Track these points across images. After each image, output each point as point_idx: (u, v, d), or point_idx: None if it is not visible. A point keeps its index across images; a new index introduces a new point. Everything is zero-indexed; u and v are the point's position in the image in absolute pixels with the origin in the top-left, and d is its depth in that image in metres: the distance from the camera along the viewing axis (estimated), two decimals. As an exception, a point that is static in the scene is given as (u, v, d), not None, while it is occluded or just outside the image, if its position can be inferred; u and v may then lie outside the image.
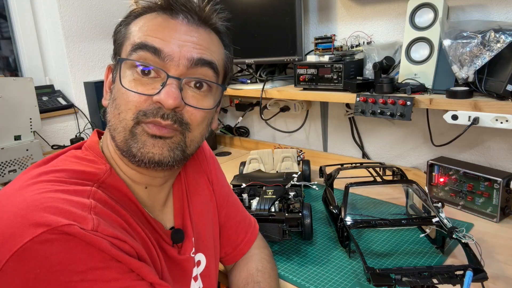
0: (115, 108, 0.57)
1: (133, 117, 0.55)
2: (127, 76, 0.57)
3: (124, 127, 0.56)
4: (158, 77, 0.56)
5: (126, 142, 0.56)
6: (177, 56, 0.56)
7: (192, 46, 0.57)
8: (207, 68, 0.58)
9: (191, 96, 0.58)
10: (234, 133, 1.94)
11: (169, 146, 0.57)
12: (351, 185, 0.97)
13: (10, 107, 1.38)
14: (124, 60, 0.57)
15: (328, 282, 0.82)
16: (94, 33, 1.81)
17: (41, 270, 0.43)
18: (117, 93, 0.58)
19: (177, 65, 0.56)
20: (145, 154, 0.55)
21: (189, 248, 0.67)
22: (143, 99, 0.55)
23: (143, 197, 0.63)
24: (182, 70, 0.56)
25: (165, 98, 0.54)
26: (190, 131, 0.59)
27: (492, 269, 0.82)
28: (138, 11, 0.60)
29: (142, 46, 0.56)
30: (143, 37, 0.56)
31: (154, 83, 0.56)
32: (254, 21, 1.53)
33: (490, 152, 1.22)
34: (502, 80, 0.94)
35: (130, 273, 0.49)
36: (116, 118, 0.57)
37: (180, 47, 0.56)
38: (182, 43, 0.56)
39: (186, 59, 0.56)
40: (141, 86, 0.56)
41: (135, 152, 0.56)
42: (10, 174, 1.39)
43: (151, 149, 0.56)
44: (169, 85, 0.55)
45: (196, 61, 0.57)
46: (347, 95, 1.21)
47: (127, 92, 0.56)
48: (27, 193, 0.48)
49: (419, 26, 1.13)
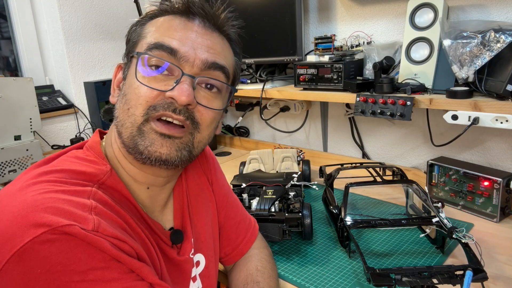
0: (125, 103, 0.57)
1: (143, 113, 0.55)
2: (140, 72, 0.57)
3: (132, 123, 0.56)
4: (172, 75, 0.57)
5: (133, 139, 0.56)
6: (192, 57, 0.57)
7: (206, 49, 0.59)
8: (220, 72, 0.60)
9: (202, 96, 0.59)
10: (234, 133, 1.94)
11: (177, 146, 0.57)
12: (351, 185, 0.97)
13: (10, 107, 1.38)
14: (141, 54, 0.57)
15: (328, 282, 0.82)
16: (94, 33, 1.81)
17: (42, 270, 0.43)
18: (128, 88, 0.58)
19: (192, 66, 0.57)
20: (152, 152, 0.56)
21: (188, 249, 0.68)
22: (155, 94, 0.56)
23: (144, 198, 0.63)
24: (195, 71, 0.58)
25: (179, 94, 0.55)
26: (200, 131, 0.59)
27: (492, 269, 0.82)
28: (155, 13, 0.61)
29: (158, 46, 0.57)
30: (160, 38, 0.57)
31: (167, 80, 0.57)
32: (254, 21, 1.53)
33: (490, 152, 1.22)
34: (502, 80, 0.94)
35: (130, 274, 0.49)
36: (125, 113, 0.57)
37: (195, 49, 0.57)
38: (197, 45, 0.58)
39: (200, 61, 0.58)
40: (154, 83, 0.56)
41: (142, 149, 0.56)
42: (10, 174, 1.39)
43: (159, 149, 0.56)
44: (183, 82, 0.56)
45: (210, 64, 0.59)
46: (347, 95, 1.21)
47: (139, 87, 0.56)
48: (28, 194, 0.48)
49: (419, 26, 1.13)
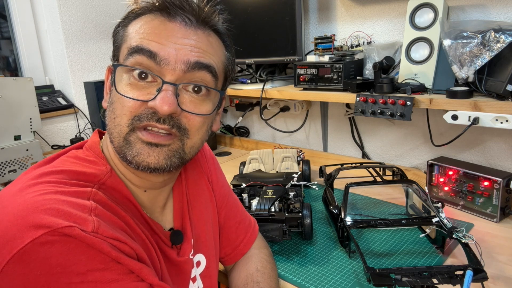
0: (112, 111, 0.57)
1: (128, 123, 0.55)
2: (123, 80, 0.56)
3: (119, 133, 0.55)
4: (155, 82, 0.55)
5: (121, 149, 0.56)
6: (173, 60, 0.54)
7: (189, 49, 0.55)
8: (205, 72, 0.57)
9: (189, 101, 0.57)
10: (234, 133, 1.94)
11: (166, 154, 0.56)
12: (351, 185, 0.97)
13: (10, 107, 1.38)
14: (119, 66, 0.56)
15: (328, 282, 0.82)
16: (94, 33, 1.81)
17: (41, 271, 0.43)
18: (114, 97, 0.57)
19: (173, 69, 0.54)
20: (140, 162, 0.55)
21: (188, 250, 0.67)
22: (138, 104, 0.54)
23: (143, 199, 0.63)
24: (178, 75, 0.55)
25: (160, 104, 0.53)
26: (189, 137, 0.57)
27: (492, 269, 0.82)
28: (136, 12, 0.58)
29: (138, 49, 0.54)
30: (139, 41, 0.55)
31: (150, 88, 0.55)
32: (254, 21, 1.53)
33: (490, 152, 1.22)
34: (502, 80, 0.94)
35: (130, 275, 0.49)
36: (112, 123, 0.56)
37: (176, 51, 0.54)
38: (179, 46, 0.54)
39: (182, 63, 0.54)
40: (137, 91, 0.55)
41: (130, 159, 0.55)
42: (10, 174, 1.39)
43: (146, 158, 0.55)
44: (164, 91, 0.53)
45: (193, 65, 0.55)
46: (347, 95, 1.21)
47: (122, 97, 0.55)
48: (28, 195, 0.48)
49: (419, 26, 1.13)
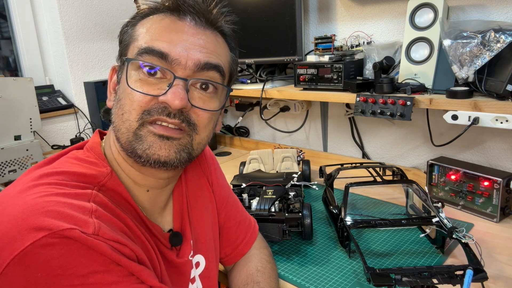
0: (119, 108, 0.57)
1: (138, 117, 0.55)
2: (133, 76, 0.56)
3: (128, 128, 0.56)
4: (165, 78, 0.56)
5: (130, 144, 0.56)
6: (184, 60, 0.56)
7: (198, 50, 0.57)
8: (214, 72, 0.59)
9: (198, 98, 0.58)
10: (234, 133, 1.94)
11: (176, 147, 0.56)
12: (351, 185, 0.97)
13: (10, 107, 1.38)
14: (131, 60, 0.56)
15: (328, 282, 0.82)
16: (94, 33, 1.81)
17: (42, 274, 0.43)
18: (122, 93, 0.57)
19: (184, 68, 0.56)
20: (151, 155, 0.55)
21: (187, 251, 0.68)
22: (148, 99, 0.55)
23: (144, 200, 0.63)
24: (188, 73, 0.56)
25: (172, 99, 0.54)
26: (198, 133, 0.59)
27: (492, 269, 0.82)
28: (145, 12, 0.59)
29: (148, 51, 0.55)
30: (150, 41, 0.56)
31: (160, 84, 0.56)
32: (254, 21, 1.52)
33: (490, 152, 1.22)
34: (502, 80, 0.94)
35: (130, 277, 0.49)
36: (119, 119, 0.56)
37: (187, 50, 0.56)
38: (189, 45, 0.56)
39: (193, 62, 0.56)
40: (147, 86, 0.55)
41: (140, 153, 0.55)
42: (10, 174, 1.39)
43: (157, 151, 0.55)
44: (175, 85, 0.55)
45: (203, 65, 0.57)
46: (347, 95, 1.21)
47: (132, 92, 0.55)
48: (28, 196, 0.48)
49: (419, 26, 1.13)
